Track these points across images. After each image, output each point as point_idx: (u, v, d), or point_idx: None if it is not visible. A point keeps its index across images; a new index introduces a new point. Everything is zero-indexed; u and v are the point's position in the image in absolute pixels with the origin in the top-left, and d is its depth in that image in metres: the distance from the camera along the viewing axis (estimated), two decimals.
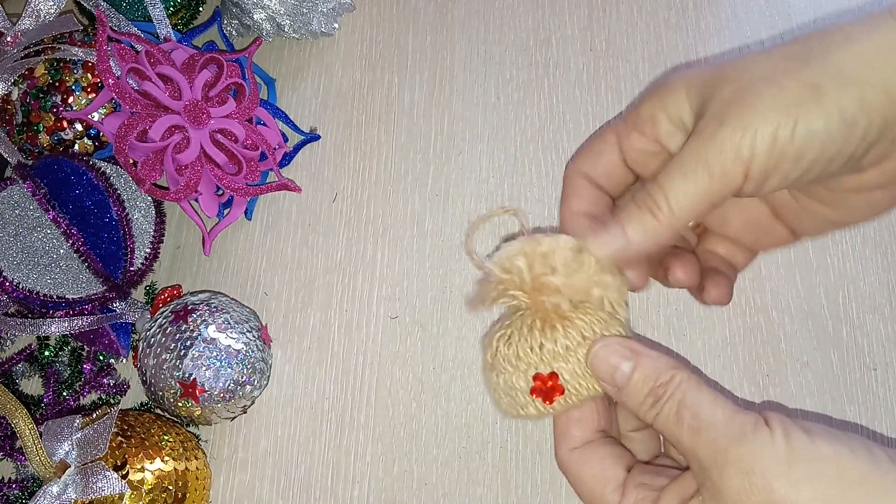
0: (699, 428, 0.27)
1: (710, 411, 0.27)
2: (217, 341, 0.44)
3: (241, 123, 0.49)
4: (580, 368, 0.30)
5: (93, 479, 0.39)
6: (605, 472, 0.30)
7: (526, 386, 0.31)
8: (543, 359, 0.31)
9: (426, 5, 0.58)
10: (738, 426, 0.26)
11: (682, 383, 0.28)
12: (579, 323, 0.30)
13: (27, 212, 0.47)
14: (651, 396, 0.29)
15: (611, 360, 0.30)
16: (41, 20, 0.51)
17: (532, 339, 0.31)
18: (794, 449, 0.25)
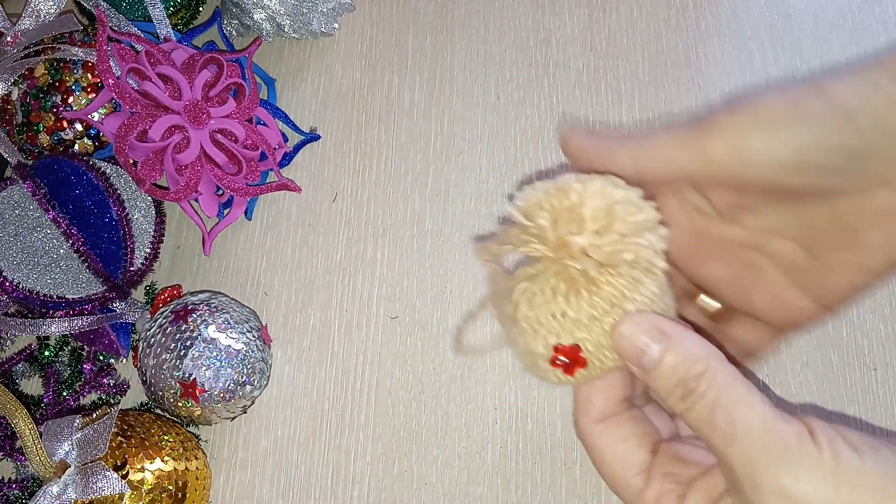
0: (734, 436, 0.24)
1: (747, 416, 0.24)
2: (217, 341, 0.44)
3: (241, 123, 0.49)
4: (605, 339, 0.27)
5: (93, 479, 0.39)
6: (629, 454, 0.28)
7: (546, 353, 0.28)
8: (565, 328, 0.27)
9: (426, 5, 0.58)
10: (779, 438, 0.23)
11: (717, 378, 0.25)
12: (607, 289, 0.27)
13: (27, 212, 0.47)
14: (681, 387, 0.26)
15: (638, 340, 0.27)
16: (41, 20, 0.51)
17: (555, 304, 0.28)
18: (843, 470, 0.23)
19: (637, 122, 0.53)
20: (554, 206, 0.27)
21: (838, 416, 0.44)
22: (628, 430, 0.29)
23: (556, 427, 0.46)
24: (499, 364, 0.48)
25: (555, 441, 0.45)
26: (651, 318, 0.27)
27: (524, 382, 0.47)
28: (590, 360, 0.28)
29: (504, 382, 0.47)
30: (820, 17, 0.54)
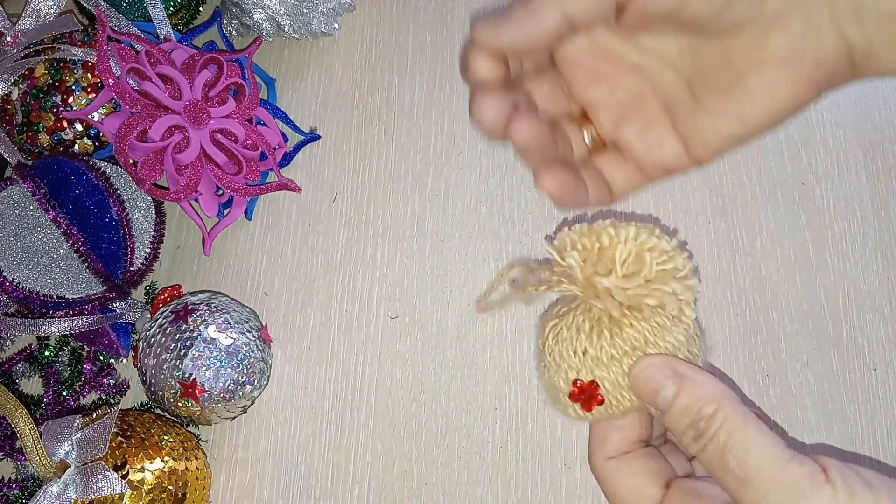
0: (746, 479, 0.24)
1: (759, 458, 0.24)
2: (217, 341, 0.44)
3: (241, 123, 0.49)
4: (623, 380, 0.28)
5: (93, 479, 0.39)
6: (641, 488, 0.28)
7: (566, 388, 0.29)
8: (585, 365, 0.29)
9: (426, 5, 0.58)
10: (792, 480, 0.23)
11: (727, 421, 0.25)
12: (629, 332, 0.28)
13: (27, 212, 0.47)
14: (693, 429, 0.26)
15: (652, 381, 0.27)
16: (41, 20, 0.51)
17: (577, 341, 0.29)
18: None
19: None
20: (586, 247, 0.28)
21: (838, 414, 0.44)
22: (640, 466, 0.29)
23: (556, 427, 0.46)
24: (499, 364, 0.48)
25: (555, 441, 0.45)
26: (666, 359, 0.28)
27: (524, 382, 0.47)
28: (607, 398, 0.29)
29: (504, 382, 0.47)
30: None
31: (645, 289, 0.28)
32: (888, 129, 0.50)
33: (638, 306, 0.28)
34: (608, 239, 0.28)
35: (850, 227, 0.48)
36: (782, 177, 0.50)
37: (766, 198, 0.49)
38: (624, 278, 0.28)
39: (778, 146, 0.51)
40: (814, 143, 0.50)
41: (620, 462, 0.29)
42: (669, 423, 0.27)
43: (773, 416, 0.45)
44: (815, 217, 0.49)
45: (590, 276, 0.28)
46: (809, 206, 0.49)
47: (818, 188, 0.49)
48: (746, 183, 0.50)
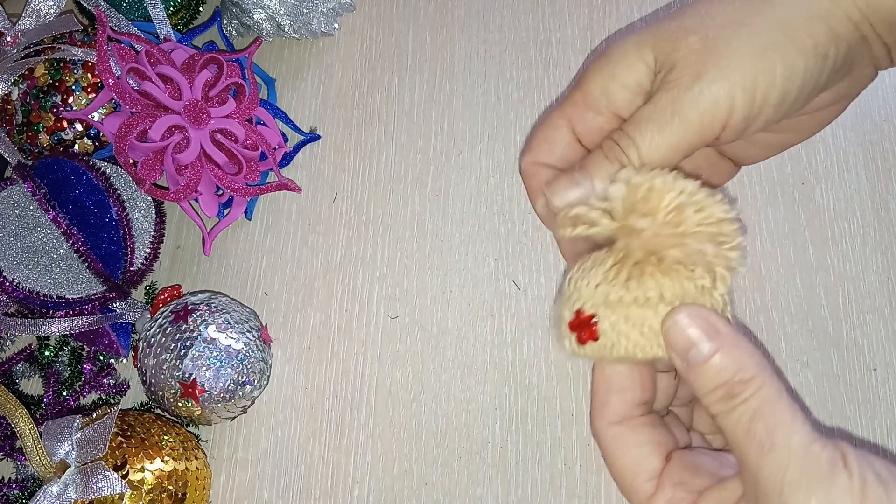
0: (770, 451, 0.24)
1: (787, 433, 0.24)
2: (217, 341, 0.44)
3: (241, 123, 0.49)
4: (624, 325, 0.27)
5: (93, 479, 0.39)
6: (642, 459, 0.28)
7: (568, 316, 0.28)
8: (593, 298, 0.28)
9: (426, 5, 0.58)
10: (814, 461, 0.24)
11: (763, 388, 0.25)
12: (647, 280, 0.27)
13: (27, 212, 0.47)
14: (724, 389, 0.25)
15: (690, 333, 0.26)
16: (41, 20, 0.51)
17: (593, 273, 0.28)
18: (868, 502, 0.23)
19: None
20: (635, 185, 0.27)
21: (838, 414, 0.44)
22: (643, 436, 0.28)
23: (556, 427, 0.46)
24: (499, 364, 0.48)
25: (555, 441, 0.45)
26: (709, 314, 0.27)
27: (524, 382, 0.47)
28: (602, 337, 0.28)
29: (504, 382, 0.47)
30: None
31: (675, 238, 0.26)
32: (888, 129, 0.50)
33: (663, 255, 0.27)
34: (661, 184, 0.27)
35: (850, 227, 0.48)
36: (782, 177, 0.50)
37: (766, 198, 0.49)
38: (660, 224, 0.27)
39: None
40: (814, 143, 0.50)
41: (624, 429, 0.29)
42: (696, 377, 0.26)
43: None
44: (815, 217, 0.49)
45: (628, 214, 0.27)
46: (809, 206, 0.49)
47: (818, 188, 0.49)
48: (746, 183, 0.50)
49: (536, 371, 0.47)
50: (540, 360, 0.47)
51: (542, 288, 0.49)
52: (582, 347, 0.28)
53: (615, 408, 0.29)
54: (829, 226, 0.48)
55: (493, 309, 0.49)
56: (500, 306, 0.49)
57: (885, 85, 0.51)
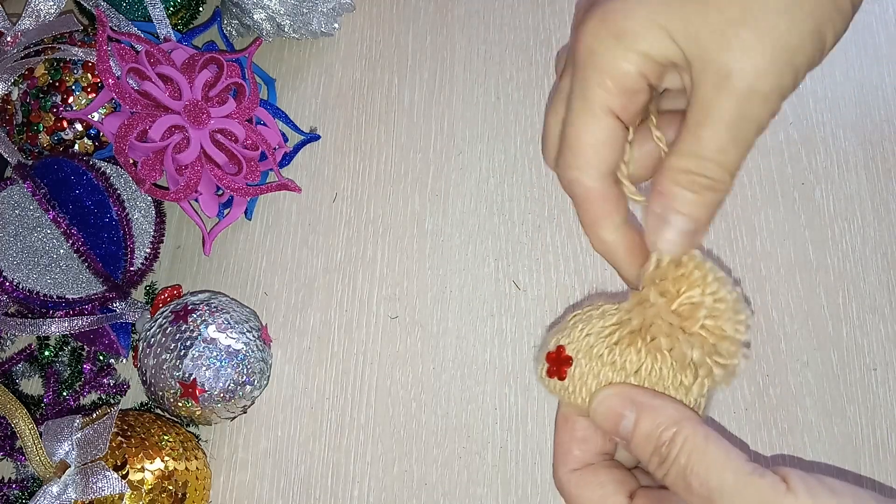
0: (710, 497, 0.25)
1: (721, 475, 0.25)
2: (217, 341, 0.44)
3: (241, 123, 0.49)
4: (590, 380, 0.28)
5: (93, 479, 0.39)
6: (606, 497, 0.28)
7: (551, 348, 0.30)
8: (579, 343, 0.29)
9: (426, 5, 0.58)
10: (755, 491, 0.24)
11: (687, 441, 0.26)
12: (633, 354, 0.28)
13: (27, 212, 0.47)
14: (656, 455, 0.26)
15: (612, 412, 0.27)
16: (41, 20, 0.51)
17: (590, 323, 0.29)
18: None
19: None
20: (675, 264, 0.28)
21: (838, 414, 0.44)
22: (605, 477, 0.29)
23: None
24: (499, 364, 0.48)
25: None
26: (623, 388, 0.28)
27: (524, 382, 0.47)
28: (567, 381, 0.29)
29: (504, 382, 0.47)
30: None
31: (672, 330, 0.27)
32: (888, 129, 0.50)
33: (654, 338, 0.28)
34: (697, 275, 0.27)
35: (850, 227, 0.48)
36: (782, 177, 0.50)
37: (766, 198, 0.49)
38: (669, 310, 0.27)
39: (778, 146, 0.51)
40: (814, 143, 0.50)
41: (585, 473, 0.29)
42: (635, 452, 0.27)
43: (773, 416, 0.45)
44: (815, 217, 0.49)
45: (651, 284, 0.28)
46: (809, 206, 0.49)
47: (818, 188, 0.49)
48: (746, 183, 0.50)
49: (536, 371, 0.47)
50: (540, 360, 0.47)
51: (542, 288, 0.49)
52: (548, 380, 0.30)
53: (577, 456, 0.30)
54: (829, 226, 0.48)
55: (493, 309, 0.49)
56: (500, 306, 0.49)
57: (885, 85, 0.51)
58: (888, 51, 0.52)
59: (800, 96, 0.52)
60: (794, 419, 0.44)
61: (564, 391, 0.29)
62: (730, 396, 0.45)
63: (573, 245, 0.50)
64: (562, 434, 0.30)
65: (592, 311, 0.30)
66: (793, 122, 0.51)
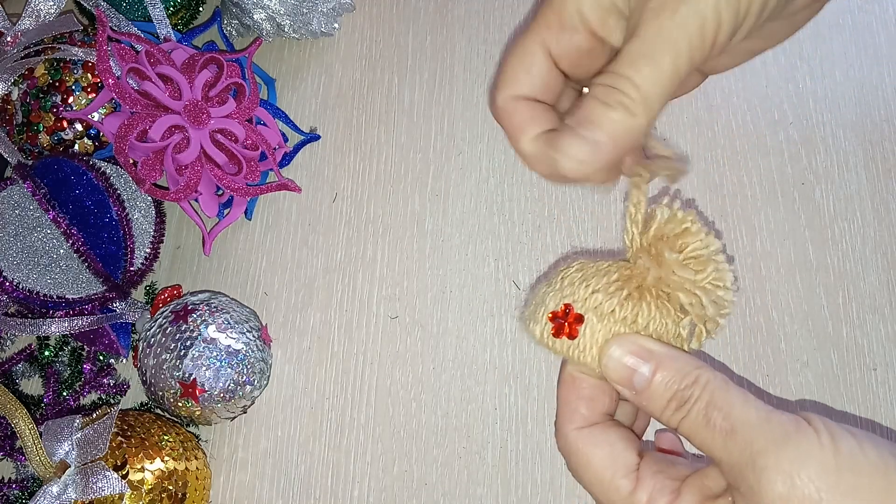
0: (732, 429, 0.25)
1: (743, 411, 0.25)
2: (217, 341, 0.44)
3: (241, 123, 0.49)
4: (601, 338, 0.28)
5: (93, 479, 0.39)
6: (616, 456, 0.28)
7: (552, 307, 0.29)
8: (586, 302, 0.28)
9: (426, 5, 0.58)
10: (777, 427, 0.24)
11: (709, 383, 0.26)
12: (644, 307, 0.28)
13: (27, 212, 0.47)
14: (675, 400, 0.26)
15: (626, 361, 0.27)
16: (41, 20, 0.51)
17: (595, 279, 0.29)
18: (842, 453, 0.23)
19: None
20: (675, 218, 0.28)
21: (838, 414, 0.44)
22: (613, 434, 0.29)
23: None
24: (499, 364, 0.48)
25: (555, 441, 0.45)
26: (637, 339, 0.28)
27: (524, 382, 0.47)
28: (579, 340, 0.28)
29: (504, 382, 0.47)
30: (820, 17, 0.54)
31: (690, 285, 0.27)
32: (888, 129, 0.50)
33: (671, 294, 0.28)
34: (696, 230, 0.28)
35: (850, 227, 0.48)
36: (782, 177, 0.50)
37: (766, 198, 0.49)
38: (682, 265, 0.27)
39: (778, 146, 0.51)
40: (814, 143, 0.50)
41: (594, 430, 0.29)
42: (647, 400, 0.27)
43: None
44: (815, 217, 0.49)
45: (658, 240, 0.28)
46: (809, 206, 0.49)
47: (818, 188, 0.49)
48: (746, 183, 0.50)
49: (536, 371, 0.47)
50: (540, 360, 0.47)
51: None
52: (553, 340, 0.29)
53: (583, 414, 0.29)
54: (829, 226, 0.48)
55: (493, 309, 0.49)
56: (500, 306, 0.49)
57: (885, 85, 0.51)
58: (888, 51, 0.52)
59: (800, 96, 0.52)
60: None
61: (575, 350, 0.29)
62: None
63: (573, 245, 0.50)
64: (567, 393, 0.30)
65: (585, 268, 0.30)
66: (793, 122, 0.51)
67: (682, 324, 0.28)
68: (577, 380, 0.29)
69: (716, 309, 0.28)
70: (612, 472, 0.28)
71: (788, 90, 0.52)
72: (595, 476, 0.28)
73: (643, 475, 0.27)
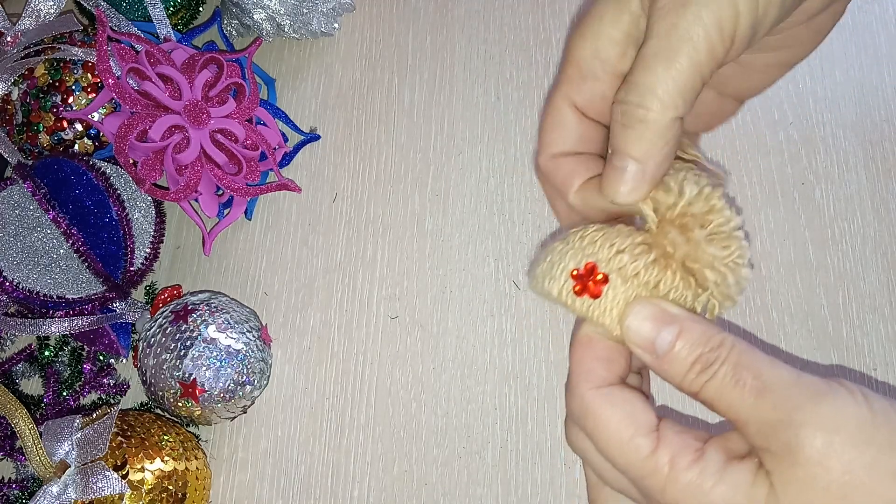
0: (764, 388, 0.24)
1: (774, 372, 0.24)
2: (217, 341, 0.44)
3: (241, 123, 0.49)
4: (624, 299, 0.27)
5: (93, 479, 0.39)
6: (637, 415, 0.26)
7: (572, 265, 0.28)
8: (611, 262, 0.27)
9: (426, 5, 0.58)
10: (810, 385, 0.24)
11: (736, 345, 0.25)
12: (669, 275, 0.27)
13: (27, 212, 0.47)
14: (699, 363, 0.25)
15: (648, 326, 0.26)
16: (41, 20, 0.51)
17: (620, 239, 0.28)
18: (877, 411, 0.23)
19: None
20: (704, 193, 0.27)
21: None
22: (632, 394, 0.27)
23: (556, 427, 0.46)
24: (499, 364, 0.48)
25: (555, 441, 0.45)
26: (658, 303, 0.27)
27: (524, 382, 0.47)
28: (602, 300, 0.28)
29: (504, 382, 0.47)
30: None
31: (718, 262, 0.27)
32: (888, 129, 0.50)
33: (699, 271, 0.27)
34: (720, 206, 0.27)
35: (850, 227, 0.48)
36: (782, 177, 0.50)
37: (766, 198, 0.49)
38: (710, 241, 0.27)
39: (778, 146, 0.51)
40: (814, 143, 0.50)
41: (612, 389, 0.27)
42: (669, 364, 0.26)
43: None
44: (815, 217, 0.49)
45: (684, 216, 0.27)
46: (809, 206, 0.49)
47: (818, 188, 0.49)
48: (746, 183, 0.50)
49: (536, 371, 0.47)
50: (540, 360, 0.47)
51: None
52: (574, 298, 0.28)
53: (600, 374, 0.28)
54: (829, 226, 0.48)
55: (493, 309, 0.49)
56: (500, 306, 0.49)
57: (885, 85, 0.51)
58: (888, 51, 0.52)
59: (800, 96, 0.52)
60: None
61: (596, 310, 0.28)
62: None
63: None
64: (582, 353, 0.28)
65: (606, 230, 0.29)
66: (793, 122, 0.51)
67: (700, 299, 0.28)
68: (594, 340, 0.28)
69: (738, 287, 0.28)
70: (631, 431, 0.26)
71: (788, 90, 0.52)
72: (613, 436, 0.26)
73: (664, 434, 0.26)
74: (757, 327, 0.46)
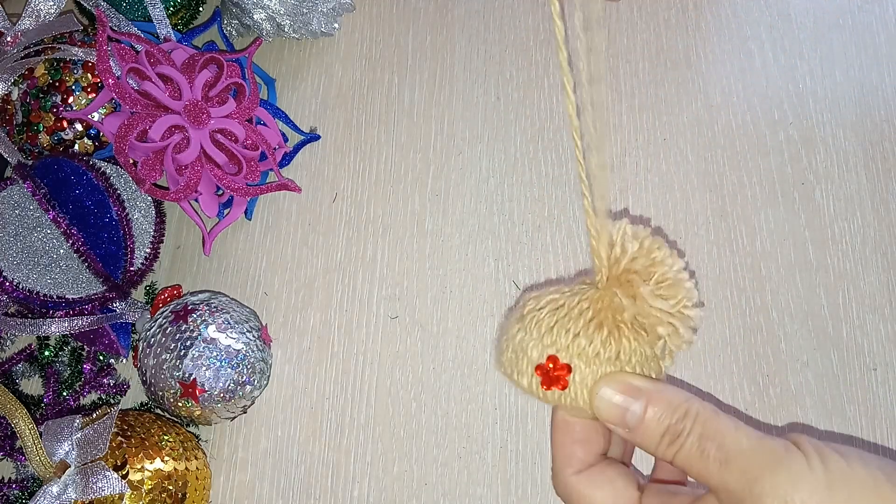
0: (727, 459, 0.25)
1: (735, 440, 0.26)
2: (217, 341, 0.44)
3: (241, 123, 0.49)
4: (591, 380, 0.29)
5: (93, 479, 0.39)
6: (618, 495, 0.28)
7: (536, 358, 0.29)
8: (569, 348, 0.29)
9: (426, 5, 0.58)
10: (768, 452, 0.25)
11: (699, 415, 0.27)
12: (624, 342, 0.28)
13: (27, 212, 0.47)
14: (668, 434, 0.27)
15: (616, 401, 0.28)
16: (41, 20, 0.51)
17: (573, 322, 0.29)
18: (832, 473, 0.24)
19: (637, 121, 0.53)
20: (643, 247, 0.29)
21: (838, 414, 0.44)
22: (612, 473, 0.29)
23: None
24: None
25: None
26: (624, 377, 0.28)
27: None
28: (570, 389, 0.29)
29: (504, 382, 0.47)
30: (820, 17, 0.54)
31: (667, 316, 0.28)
32: (888, 129, 0.50)
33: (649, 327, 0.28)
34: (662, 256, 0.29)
35: (850, 227, 0.48)
36: (782, 177, 0.50)
37: (766, 198, 0.49)
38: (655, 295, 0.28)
39: (778, 146, 0.51)
40: (814, 143, 0.50)
41: (592, 472, 0.29)
42: (641, 436, 0.28)
43: (773, 416, 0.45)
44: (815, 217, 0.49)
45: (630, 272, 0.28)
46: (809, 206, 0.49)
47: (818, 188, 0.49)
48: (746, 183, 0.50)
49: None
50: None
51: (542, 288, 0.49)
52: (544, 392, 0.30)
53: (580, 458, 0.30)
54: (829, 226, 0.48)
55: (493, 309, 0.49)
56: (500, 306, 0.49)
57: (884, 85, 0.51)
58: (888, 51, 0.52)
59: (800, 96, 0.52)
60: (794, 419, 0.44)
61: (566, 398, 0.29)
62: (730, 396, 0.45)
63: (573, 245, 0.50)
64: (561, 438, 0.30)
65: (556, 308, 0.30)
66: (793, 122, 0.51)
67: (658, 345, 0.29)
68: (570, 423, 0.30)
69: (689, 333, 0.29)
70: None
71: (788, 90, 0.52)
72: None
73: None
74: (757, 327, 0.46)
